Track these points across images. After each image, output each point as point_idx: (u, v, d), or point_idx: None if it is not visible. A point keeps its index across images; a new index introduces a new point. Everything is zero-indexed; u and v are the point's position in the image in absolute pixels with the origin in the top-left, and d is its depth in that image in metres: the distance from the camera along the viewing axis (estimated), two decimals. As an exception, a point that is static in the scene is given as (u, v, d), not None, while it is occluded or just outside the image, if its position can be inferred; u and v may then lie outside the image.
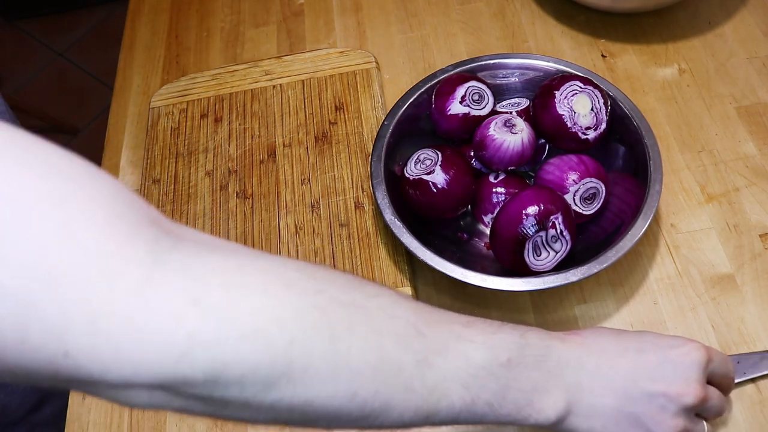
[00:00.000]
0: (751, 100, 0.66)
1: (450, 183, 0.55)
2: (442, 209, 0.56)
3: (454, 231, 0.60)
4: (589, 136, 0.57)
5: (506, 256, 0.53)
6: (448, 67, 0.62)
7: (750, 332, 0.54)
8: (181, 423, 0.55)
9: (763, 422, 0.50)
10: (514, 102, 0.62)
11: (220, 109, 0.71)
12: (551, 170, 0.57)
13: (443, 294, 0.59)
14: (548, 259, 0.52)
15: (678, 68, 0.70)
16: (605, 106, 0.57)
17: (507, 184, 0.58)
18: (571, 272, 0.50)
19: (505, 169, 0.59)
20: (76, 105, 1.89)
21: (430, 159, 0.56)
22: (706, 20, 0.73)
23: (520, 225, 0.51)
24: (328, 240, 0.61)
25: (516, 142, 0.56)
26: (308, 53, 0.74)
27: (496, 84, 0.62)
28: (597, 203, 0.56)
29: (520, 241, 0.51)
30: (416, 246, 0.52)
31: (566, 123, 0.56)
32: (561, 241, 0.52)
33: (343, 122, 0.68)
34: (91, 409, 0.57)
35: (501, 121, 0.57)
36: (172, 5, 0.85)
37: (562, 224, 0.51)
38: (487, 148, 0.57)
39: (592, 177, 0.56)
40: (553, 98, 0.57)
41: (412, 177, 0.56)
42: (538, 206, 0.51)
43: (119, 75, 0.79)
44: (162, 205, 0.65)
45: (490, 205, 0.58)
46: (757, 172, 0.62)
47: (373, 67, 0.71)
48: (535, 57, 0.62)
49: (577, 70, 0.60)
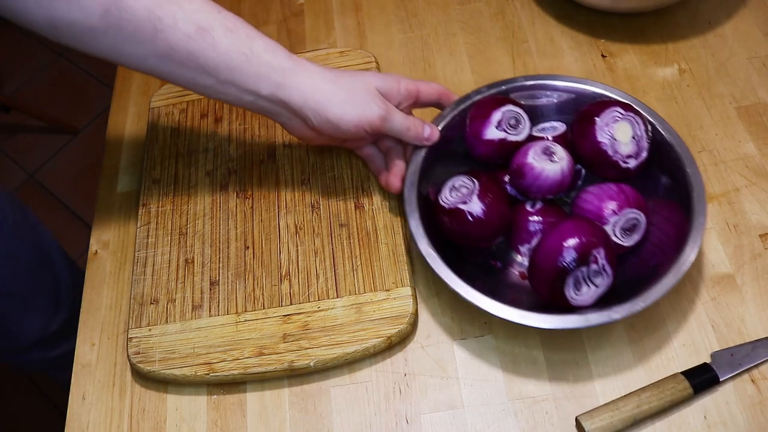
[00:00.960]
0: (751, 100, 0.66)
1: (487, 213, 0.53)
2: (478, 239, 0.55)
3: (486, 258, 0.58)
4: (630, 164, 0.55)
5: (545, 289, 0.51)
6: (482, 89, 0.60)
7: (750, 332, 0.54)
8: (181, 423, 0.55)
9: (763, 422, 0.50)
10: (549, 126, 0.60)
11: (220, 109, 0.71)
12: (590, 199, 0.55)
13: (445, 306, 0.59)
14: (589, 294, 0.50)
15: (678, 68, 0.70)
16: (646, 134, 0.55)
17: (544, 214, 0.56)
18: (614, 310, 0.48)
19: (543, 197, 0.57)
20: (76, 105, 1.89)
21: (466, 187, 0.54)
22: (706, 20, 0.73)
23: (561, 259, 0.49)
24: (328, 240, 0.61)
25: (555, 171, 0.55)
26: (308, 53, 0.74)
27: (529, 105, 0.60)
28: (637, 235, 0.54)
29: (561, 276, 0.49)
30: (456, 282, 0.50)
31: (607, 151, 0.54)
32: (602, 276, 0.50)
33: (343, 122, 0.68)
34: (91, 409, 0.57)
35: (540, 148, 0.55)
36: (172, 5, 0.85)
37: (604, 258, 0.50)
38: (525, 177, 0.55)
39: (632, 207, 0.54)
40: (593, 125, 0.54)
41: (447, 205, 0.54)
42: (580, 240, 0.49)
43: (119, 75, 0.79)
44: (162, 205, 0.65)
45: (526, 234, 0.56)
46: (757, 172, 0.62)
47: (373, 67, 0.71)
48: (574, 80, 0.60)
49: (616, 94, 0.58)
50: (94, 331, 0.61)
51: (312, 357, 0.55)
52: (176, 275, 0.61)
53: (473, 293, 0.50)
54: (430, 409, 0.54)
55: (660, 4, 0.70)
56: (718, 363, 0.52)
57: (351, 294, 0.57)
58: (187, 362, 0.56)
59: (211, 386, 0.57)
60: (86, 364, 0.59)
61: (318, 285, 0.58)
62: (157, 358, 0.56)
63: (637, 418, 0.50)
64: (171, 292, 0.60)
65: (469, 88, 0.70)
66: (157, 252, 0.63)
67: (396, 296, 0.57)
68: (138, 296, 0.60)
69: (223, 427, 0.55)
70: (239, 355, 0.56)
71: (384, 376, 0.55)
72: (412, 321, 0.56)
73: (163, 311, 0.59)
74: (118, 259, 0.65)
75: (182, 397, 0.57)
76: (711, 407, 0.51)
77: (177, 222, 0.64)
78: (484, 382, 0.54)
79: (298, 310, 0.57)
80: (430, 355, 0.56)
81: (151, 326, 0.58)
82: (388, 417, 0.54)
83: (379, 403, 0.54)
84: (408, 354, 0.56)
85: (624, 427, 0.50)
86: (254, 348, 0.56)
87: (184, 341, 0.57)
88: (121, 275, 0.64)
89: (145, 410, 0.56)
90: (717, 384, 0.51)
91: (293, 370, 0.55)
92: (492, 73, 0.72)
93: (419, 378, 0.55)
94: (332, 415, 0.54)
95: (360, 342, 0.55)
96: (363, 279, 0.58)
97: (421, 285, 0.59)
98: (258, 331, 0.57)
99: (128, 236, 0.66)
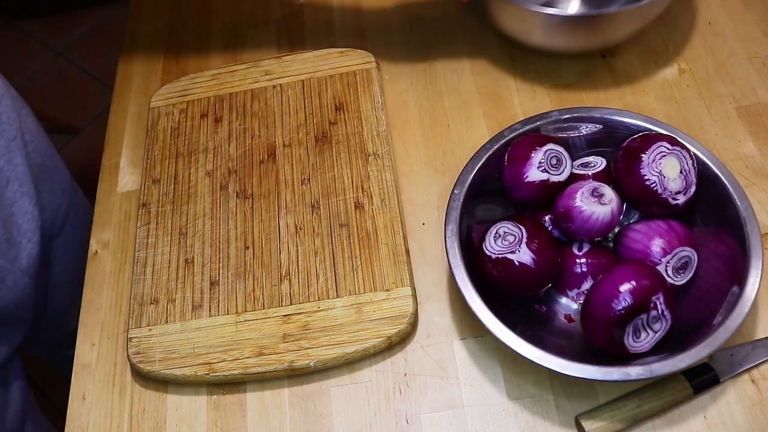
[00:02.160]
0: (751, 100, 0.66)
1: (537, 261, 0.50)
2: (528, 288, 0.53)
3: (529, 302, 0.56)
4: (680, 201, 0.52)
5: (601, 337, 0.49)
6: (516, 125, 0.58)
7: (750, 332, 0.54)
8: (181, 423, 0.55)
9: (763, 422, 0.50)
10: (587, 162, 0.58)
11: (220, 109, 0.71)
12: (639, 239, 0.53)
13: (445, 306, 0.59)
14: (647, 340, 0.49)
15: (678, 68, 0.70)
16: (693, 168, 0.53)
17: (592, 256, 0.54)
18: (678, 358, 0.46)
19: (591, 239, 0.55)
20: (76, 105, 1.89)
21: (512, 235, 0.52)
22: (706, 20, 0.73)
23: (620, 307, 0.47)
24: (328, 240, 0.61)
25: (606, 214, 0.52)
26: (308, 53, 0.74)
27: (559, 138, 0.58)
28: (689, 272, 0.52)
29: (620, 325, 0.47)
30: (515, 341, 0.48)
31: (656, 190, 0.52)
32: (661, 321, 0.48)
33: (343, 122, 0.68)
34: (91, 409, 0.57)
35: (588, 191, 0.53)
36: (172, 5, 0.85)
37: (663, 304, 0.48)
38: (573, 221, 0.53)
39: (684, 246, 0.52)
40: (639, 162, 0.52)
41: (494, 255, 0.51)
42: (638, 286, 0.47)
43: (119, 75, 0.79)
44: (162, 205, 0.65)
45: (575, 278, 0.54)
46: (757, 172, 0.62)
47: (373, 67, 0.71)
48: (610, 111, 0.58)
49: (655, 125, 0.56)
50: (94, 331, 0.61)
51: (312, 357, 0.55)
52: (176, 275, 0.61)
53: (537, 353, 0.47)
54: (430, 409, 0.54)
55: (605, 45, 0.69)
56: (718, 363, 0.52)
57: (351, 294, 0.57)
58: (187, 362, 0.56)
59: (211, 386, 0.57)
60: (86, 364, 0.59)
61: (318, 285, 0.58)
62: (157, 358, 0.56)
63: (637, 418, 0.50)
64: (171, 292, 0.60)
65: (470, 89, 0.71)
66: (157, 252, 0.63)
67: (396, 296, 0.57)
68: (138, 296, 0.60)
69: (223, 427, 0.55)
70: (239, 355, 0.56)
71: (384, 376, 0.55)
72: (412, 321, 0.56)
73: (163, 311, 0.59)
74: (118, 259, 0.65)
75: (182, 397, 0.57)
76: (711, 407, 0.51)
77: (177, 222, 0.64)
78: (484, 382, 0.54)
79: (298, 310, 0.57)
80: (430, 355, 0.56)
81: (151, 326, 0.58)
82: (388, 417, 0.54)
83: (379, 403, 0.54)
84: (408, 354, 0.56)
85: (624, 427, 0.50)
86: (254, 348, 0.56)
87: (184, 341, 0.57)
88: (121, 275, 0.64)
89: (145, 410, 0.56)
90: (717, 384, 0.51)
91: (293, 370, 0.55)
92: (493, 72, 0.72)
93: (419, 378, 0.55)
94: (332, 415, 0.54)
95: (360, 342, 0.55)
96: (363, 279, 0.58)
97: (421, 286, 0.59)
98: (258, 331, 0.57)
99: (128, 236, 0.66)
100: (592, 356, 0.49)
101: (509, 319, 0.49)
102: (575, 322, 0.54)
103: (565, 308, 0.55)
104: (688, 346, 0.46)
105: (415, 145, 0.68)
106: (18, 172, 0.66)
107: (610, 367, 0.46)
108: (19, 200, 0.66)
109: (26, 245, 0.67)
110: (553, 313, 0.55)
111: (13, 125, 0.67)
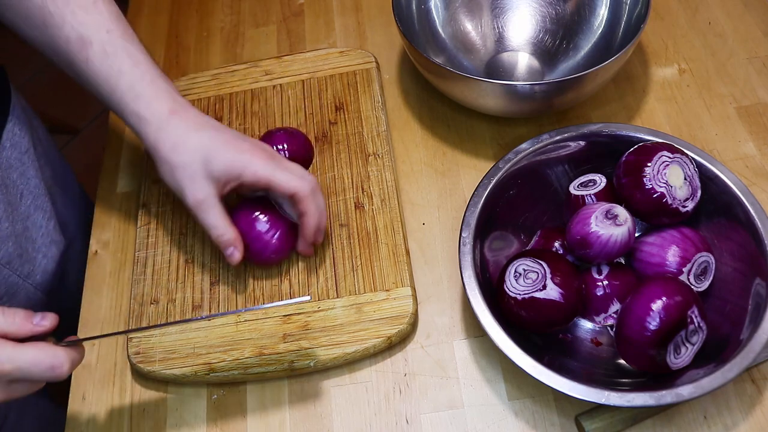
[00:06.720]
0: (751, 100, 0.66)
1: (565, 295, 0.49)
2: (559, 323, 0.51)
3: (555, 332, 0.54)
4: (689, 207, 0.52)
5: (642, 361, 0.48)
6: (509, 155, 0.56)
7: (750, 332, 0.54)
8: (181, 423, 0.55)
9: (763, 422, 0.50)
10: (585, 181, 0.57)
11: (220, 109, 0.71)
12: (655, 252, 0.52)
13: (445, 306, 0.58)
14: (687, 354, 0.48)
15: (678, 68, 0.70)
16: (695, 171, 0.53)
17: (614, 278, 0.53)
18: (727, 368, 0.45)
19: (608, 261, 0.54)
20: (76, 105, 1.89)
21: (534, 272, 0.50)
22: (706, 20, 0.73)
23: (658, 329, 0.46)
24: (328, 240, 0.61)
25: (623, 234, 0.51)
26: (308, 53, 0.74)
27: (552, 159, 0.58)
28: (709, 276, 0.52)
29: (661, 345, 0.46)
30: (554, 378, 0.47)
31: (666, 201, 0.51)
32: (698, 333, 0.48)
33: (343, 122, 0.68)
34: (91, 409, 0.57)
35: (601, 214, 0.51)
36: (172, 5, 0.85)
37: (699, 316, 0.47)
38: (592, 247, 0.51)
39: (701, 251, 0.52)
40: (644, 175, 0.52)
41: (520, 296, 0.50)
42: (674, 304, 0.46)
43: (119, 75, 0.79)
44: (162, 205, 0.65)
45: (599, 303, 0.53)
46: (757, 172, 0.62)
47: (373, 67, 0.71)
48: (601, 125, 0.57)
49: (657, 137, 0.55)
50: (94, 331, 0.61)
51: (312, 357, 0.55)
52: (176, 275, 0.61)
53: (579, 388, 0.46)
54: (430, 409, 0.54)
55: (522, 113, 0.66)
56: (719, 363, 0.52)
57: (351, 294, 0.57)
58: (187, 362, 0.56)
59: (211, 386, 0.57)
60: (86, 364, 0.59)
61: (318, 285, 0.58)
62: (157, 358, 0.56)
63: (636, 418, 0.50)
64: (171, 292, 0.60)
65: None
66: (157, 252, 0.63)
67: (396, 296, 0.57)
68: (138, 296, 0.60)
69: (223, 427, 0.55)
70: (239, 355, 0.56)
71: (384, 376, 0.55)
72: (412, 321, 0.56)
73: (163, 311, 0.59)
74: (118, 260, 0.65)
75: (182, 397, 0.57)
76: (711, 407, 0.51)
77: (177, 222, 0.64)
78: (484, 382, 0.54)
79: (298, 310, 0.57)
80: (430, 355, 0.56)
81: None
82: (388, 417, 0.54)
83: (379, 403, 0.54)
84: (408, 354, 0.56)
85: (624, 427, 0.50)
86: (254, 348, 0.56)
87: (184, 341, 0.57)
88: (121, 275, 0.64)
89: (145, 410, 0.56)
90: (717, 384, 0.51)
91: (293, 370, 0.55)
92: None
93: (419, 378, 0.55)
94: (332, 415, 0.54)
95: (360, 342, 0.55)
96: (363, 279, 0.58)
97: (420, 285, 0.59)
98: (258, 331, 0.57)
99: (128, 236, 0.66)
100: (623, 377, 0.49)
101: (534, 352, 0.48)
102: (602, 345, 0.54)
103: (590, 333, 0.55)
104: (727, 353, 0.46)
105: (415, 145, 0.68)
106: (31, 185, 0.64)
107: (662, 390, 0.45)
108: (33, 214, 0.64)
109: (41, 261, 0.65)
110: (580, 339, 0.54)
111: (26, 137, 0.65)
